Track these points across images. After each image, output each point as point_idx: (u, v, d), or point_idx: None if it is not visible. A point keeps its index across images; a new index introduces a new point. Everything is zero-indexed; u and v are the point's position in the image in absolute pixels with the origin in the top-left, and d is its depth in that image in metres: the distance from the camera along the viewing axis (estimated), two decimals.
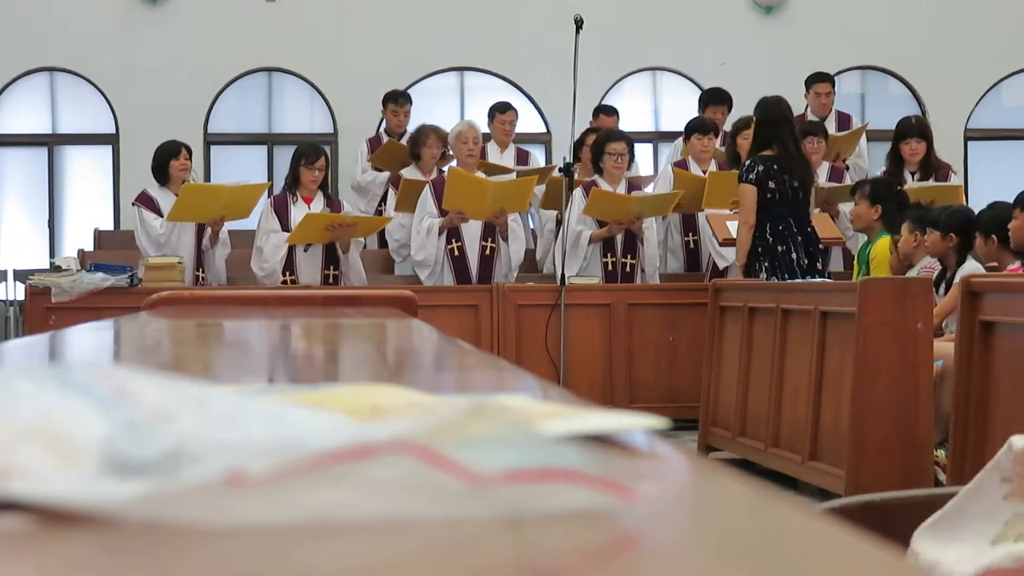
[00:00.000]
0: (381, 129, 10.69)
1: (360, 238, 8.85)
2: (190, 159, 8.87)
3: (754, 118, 7.87)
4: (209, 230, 8.61)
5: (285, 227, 8.60)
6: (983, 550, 1.61)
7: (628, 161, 9.10)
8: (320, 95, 12.51)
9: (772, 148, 7.57)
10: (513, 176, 9.38)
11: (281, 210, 8.68)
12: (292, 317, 2.57)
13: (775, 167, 7.53)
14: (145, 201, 8.71)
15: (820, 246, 7.78)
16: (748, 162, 7.69)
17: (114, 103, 12.32)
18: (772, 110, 7.67)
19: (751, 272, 7.59)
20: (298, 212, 8.60)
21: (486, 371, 1.45)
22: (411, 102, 10.57)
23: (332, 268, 8.65)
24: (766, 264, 7.54)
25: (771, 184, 7.53)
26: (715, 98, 10.36)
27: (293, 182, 8.72)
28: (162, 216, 8.59)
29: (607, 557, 0.49)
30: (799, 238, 7.57)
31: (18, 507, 0.50)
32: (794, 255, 7.52)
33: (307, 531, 0.49)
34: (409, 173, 9.52)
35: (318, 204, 8.66)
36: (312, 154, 8.70)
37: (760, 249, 7.56)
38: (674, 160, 10.01)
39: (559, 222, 9.43)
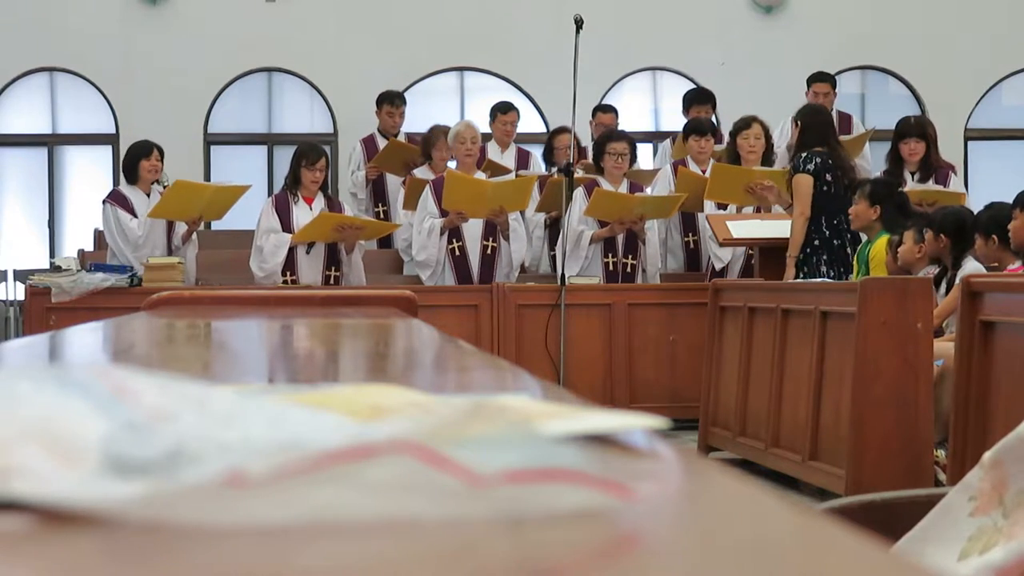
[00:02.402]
0: (375, 130, 10.69)
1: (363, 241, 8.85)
2: (161, 160, 8.79)
3: (795, 123, 7.93)
4: (181, 229, 8.58)
5: (286, 227, 8.58)
6: (952, 568, 1.62)
7: (629, 161, 9.10)
8: (320, 95, 12.52)
9: (823, 147, 7.61)
10: (512, 176, 9.40)
11: (283, 210, 8.65)
12: (292, 317, 2.57)
13: (830, 161, 7.56)
14: (118, 199, 8.64)
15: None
16: (805, 154, 7.69)
17: (114, 103, 12.32)
18: (817, 116, 7.80)
19: (809, 265, 7.55)
20: (299, 212, 8.59)
21: (486, 371, 1.45)
22: (406, 103, 10.59)
23: (334, 269, 8.63)
24: (825, 257, 7.52)
25: (828, 177, 7.56)
26: (699, 98, 10.39)
27: (293, 182, 8.68)
28: (134, 215, 8.56)
29: (607, 557, 0.49)
30: (849, 235, 7.60)
31: (18, 507, 0.50)
32: (848, 250, 7.55)
33: (307, 531, 0.49)
34: (421, 173, 9.54)
35: (319, 205, 8.65)
36: (313, 155, 8.67)
37: (816, 243, 7.55)
38: (667, 162, 10.04)
39: (548, 225, 9.45)
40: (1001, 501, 1.63)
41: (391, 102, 10.49)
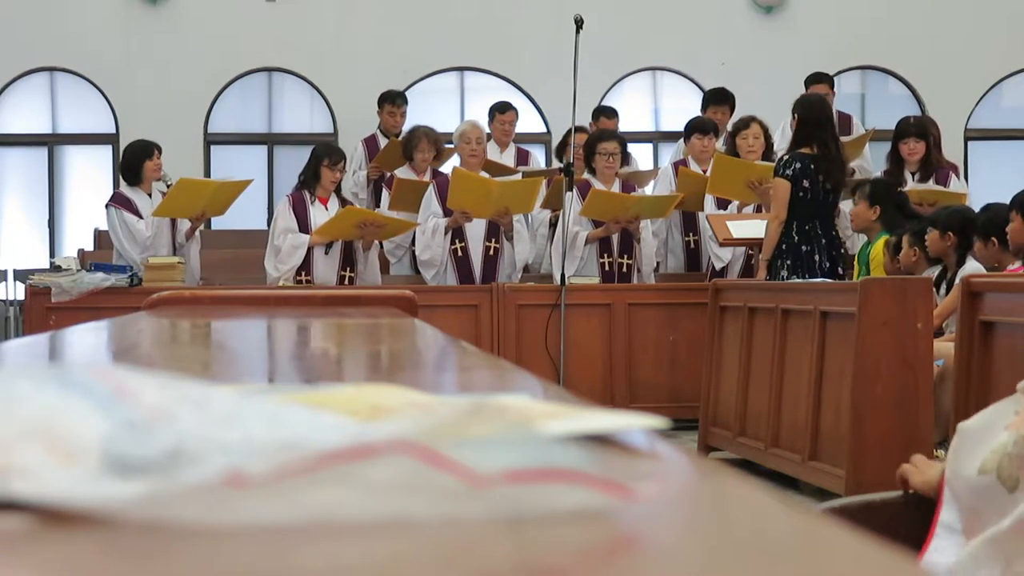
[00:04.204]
0: (377, 130, 10.69)
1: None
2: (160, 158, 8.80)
3: (793, 116, 7.89)
4: (185, 226, 8.57)
5: (303, 227, 8.53)
6: (971, 478, 1.64)
7: (620, 161, 9.09)
8: (320, 95, 12.51)
9: (812, 147, 7.58)
10: (519, 176, 9.38)
11: (300, 209, 8.60)
12: (292, 317, 2.57)
13: (812, 166, 7.54)
14: (122, 202, 8.62)
15: (842, 250, 7.79)
16: (786, 157, 7.68)
17: (114, 103, 12.32)
18: (815, 110, 7.70)
19: (774, 268, 7.58)
20: (316, 212, 8.56)
21: (486, 371, 1.45)
22: (407, 102, 10.58)
23: (349, 269, 8.60)
24: (788, 263, 7.53)
25: (805, 183, 7.54)
26: (717, 98, 10.36)
27: (312, 181, 8.64)
28: (139, 216, 8.55)
29: (607, 557, 0.49)
30: (823, 240, 7.57)
31: (18, 507, 0.50)
32: (817, 256, 7.53)
33: (307, 531, 0.49)
34: (402, 173, 9.52)
35: (334, 205, 8.62)
36: (335, 155, 8.66)
37: (784, 247, 7.56)
38: (675, 160, 10.02)
39: (552, 224, 9.44)
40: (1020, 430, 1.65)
41: (392, 102, 10.48)
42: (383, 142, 10.36)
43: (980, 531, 1.68)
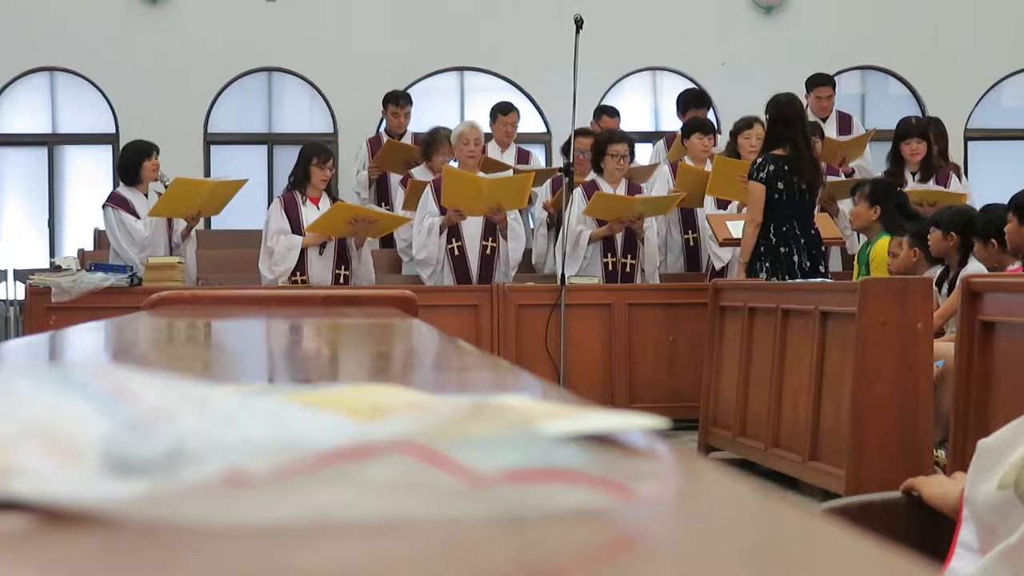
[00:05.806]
0: (381, 129, 10.69)
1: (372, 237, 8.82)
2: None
3: (766, 116, 7.85)
4: (180, 226, 8.57)
5: (296, 227, 8.54)
6: (990, 490, 1.63)
7: (629, 163, 9.12)
8: (320, 95, 12.52)
9: (784, 147, 7.56)
10: (509, 173, 9.37)
11: (292, 210, 8.61)
12: (292, 317, 2.57)
13: (785, 167, 7.52)
14: (119, 202, 8.63)
15: (823, 248, 7.77)
16: (759, 160, 7.66)
17: (114, 103, 12.32)
18: (785, 108, 7.65)
19: (753, 271, 7.57)
20: (307, 212, 8.56)
21: (486, 371, 1.45)
22: (411, 103, 10.58)
23: (343, 268, 8.61)
24: (767, 264, 7.53)
25: (780, 184, 7.52)
26: (697, 100, 10.36)
27: (303, 180, 8.64)
28: (137, 216, 8.55)
29: (607, 557, 0.49)
30: (802, 240, 7.56)
31: (18, 507, 0.50)
32: (796, 257, 7.52)
33: (307, 531, 0.49)
34: (419, 173, 9.53)
35: (325, 204, 8.63)
36: (324, 154, 8.68)
37: (762, 249, 7.55)
38: (662, 162, 10.01)
39: (550, 223, 9.43)
40: None
41: (396, 102, 10.49)
42: None
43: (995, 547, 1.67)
